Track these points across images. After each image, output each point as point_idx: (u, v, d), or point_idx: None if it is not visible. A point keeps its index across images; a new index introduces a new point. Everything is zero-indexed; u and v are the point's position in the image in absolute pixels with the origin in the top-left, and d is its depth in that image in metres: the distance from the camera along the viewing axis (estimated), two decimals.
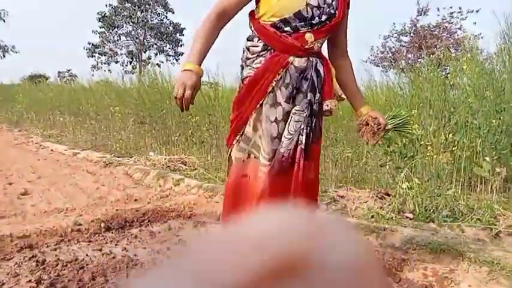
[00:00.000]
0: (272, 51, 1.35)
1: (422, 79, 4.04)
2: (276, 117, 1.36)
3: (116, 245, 2.16)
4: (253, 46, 1.38)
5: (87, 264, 1.87)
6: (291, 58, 1.33)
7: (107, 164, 4.30)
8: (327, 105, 1.40)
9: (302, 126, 1.37)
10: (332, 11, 1.35)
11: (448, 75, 4.59)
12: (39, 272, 1.75)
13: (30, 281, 1.68)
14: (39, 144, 5.94)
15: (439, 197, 2.49)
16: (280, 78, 1.34)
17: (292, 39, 1.32)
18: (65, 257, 1.95)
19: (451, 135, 2.93)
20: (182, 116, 5.15)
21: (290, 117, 1.36)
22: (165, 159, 4.25)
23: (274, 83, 1.34)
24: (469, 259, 1.71)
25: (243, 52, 1.44)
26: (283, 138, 1.37)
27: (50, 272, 1.77)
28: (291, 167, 1.38)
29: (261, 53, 1.36)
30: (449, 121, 3.26)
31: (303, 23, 1.32)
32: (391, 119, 1.50)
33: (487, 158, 2.71)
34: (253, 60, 1.38)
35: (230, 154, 1.46)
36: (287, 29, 1.32)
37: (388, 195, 2.74)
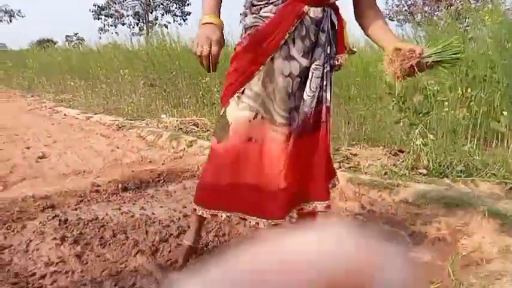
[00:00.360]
0: None
1: (439, 32, 3.88)
2: (290, 72, 1.26)
3: (133, 204, 2.23)
4: None
5: (107, 223, 1.94)
6: (306, 8, 1.22)
7: (120, 127, 4.35)
8: (337, 60, 1.32)
9: (325, 83, 1.29)
10: None
11: (468, 28, 4.39)
12: (62, 230, 1.83)
13: (55, 238, 1.76)
14: (52, 109, 6.01)
15: (454, 152, 2.46)
16: (295, 29, 1.23)
17: None
18: (85, 216, 2.02)
19: (469, 89, 2.84)
20: (192, 78, 5.10)
21: (311, 74, 1.27)
22: (176, 121, 4.26)
23: (287, 35, 1.22)
24: (483, 212, 1.72)
25: None
26: (305, 96, 1.27)
27: (72, 230, 1.84)
28: (314, 128, 1.30)
29: (270, 0, 1.24)
30: (467, 76, 3.16)
31: None
32: (435, 51, 1.16)
33: (505, 113, 2.64)
34: (261, 8, 1.25)
35: (225, 112, 1.32)
36: None
37: (402, 152, 2.72)
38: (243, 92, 1.28)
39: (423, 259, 1.57)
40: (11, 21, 22.29)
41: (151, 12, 26.31)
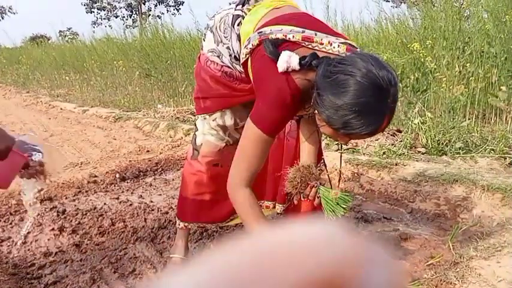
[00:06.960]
0: None
1: (435, 12, 3.82)
2: None
3: (132, 193, 2.22)
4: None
5: (105, 212, 1.93)
6: None
7: (116, 119, 4.32)
8: None
9: None
10: None
11: (463, 6, 4.33)
12: (60, 221, 1.82)
13: (53, 229, 1.75)
14: (48, 104, 5.96)
15: (453, 129, 2.44)
16: None
17: None
18: (83, 206, 2.02)
19: (468, 64, 2.80)
20: (187, 67, 5.05)
21: None
22: (173, 110, 4.23)
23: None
24: (482, 187, 1.71)
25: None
26: None
27: (71, 221, 1.84)
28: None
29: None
30: (464, 52, 3.12)
31: None
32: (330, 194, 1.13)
33: (503, 88, 2.61)
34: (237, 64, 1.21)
35: (195, 122, 1.38)
36: None
37: (400, 131, 2.70)
38: (209, 115, 1.31)
39: (423, 235, 1.56)
40: (2, 18, 22.00)
41: (144, 3, 26.01)
